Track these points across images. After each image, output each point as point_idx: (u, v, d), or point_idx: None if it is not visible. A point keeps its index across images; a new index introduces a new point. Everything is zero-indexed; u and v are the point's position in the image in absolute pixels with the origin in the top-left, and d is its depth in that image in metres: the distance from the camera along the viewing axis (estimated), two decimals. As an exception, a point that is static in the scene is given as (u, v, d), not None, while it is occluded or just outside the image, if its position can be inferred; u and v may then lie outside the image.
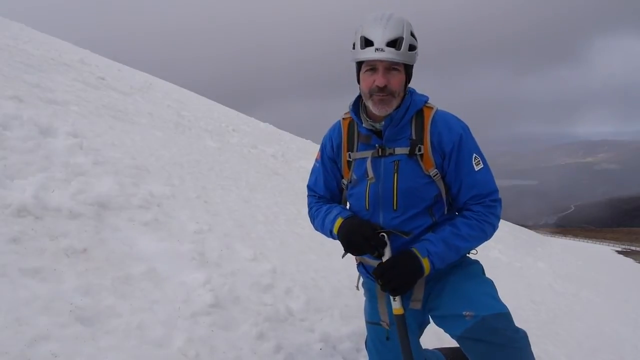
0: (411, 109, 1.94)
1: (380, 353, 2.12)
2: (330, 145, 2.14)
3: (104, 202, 3.32)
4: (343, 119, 2.12)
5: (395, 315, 1.92)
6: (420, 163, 1.93)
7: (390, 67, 1.82)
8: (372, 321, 2.16)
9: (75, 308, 2.14)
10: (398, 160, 1.95)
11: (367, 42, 1.79)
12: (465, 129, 1.96)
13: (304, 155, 11.95)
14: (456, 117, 2.00)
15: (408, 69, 1.90)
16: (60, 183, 3.30)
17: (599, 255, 22.31)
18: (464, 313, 1.85)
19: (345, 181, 2.15)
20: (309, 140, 15.99)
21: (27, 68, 6.99)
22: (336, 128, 2.14)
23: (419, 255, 1.88)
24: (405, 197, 1.97)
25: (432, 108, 1.97)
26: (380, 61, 1.81)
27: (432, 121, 1.94)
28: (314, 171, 2.26)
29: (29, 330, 1.86)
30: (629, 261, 24.74)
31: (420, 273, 1.88)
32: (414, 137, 1.94)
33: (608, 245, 41.20)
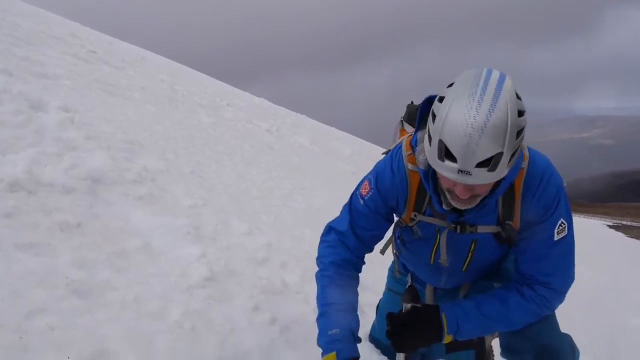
0: (500, 191, 1.51)
1: None
2: (395, 197, 1.73)
3: (98, 177, 3.30)
4: (410, 170, 1.65)
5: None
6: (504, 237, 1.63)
7: None
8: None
9: (70, 282, 2.14)
10: (477, 239, 1.67)
11: (447, 153, 1.31)
12: (560, 191, 1.58)
13: (299, 130, 11.90)
14: (551, 173, 1.58)
15: None
16: (52, 158, 3.27)
17: (591, 230, 22.57)
18: (495, 285, 1.80)
19: (401, 223, 1.83)
20: (303, 116, 15.87)
21: (15, 41, 6.83)
22: (403, 180, 1.68)
23: (444, 328, 1.64)
24: (477, 264, 1.77)
25: (524, 169, 1.55)
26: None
27: (523, 190, 1.56)
28: (354, 211, 1.82)
29: (25, 304, 1.87)
30: (620, 235, 25.07)
31: (435, 341, 1.68)
32: (501, 216, 1.60)
33: (600, 219, 41.65)
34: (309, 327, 2.52)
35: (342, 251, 1.84)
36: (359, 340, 1.71)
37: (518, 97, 1.30)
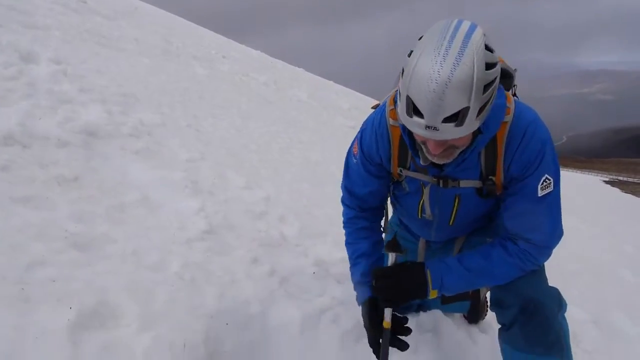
0: (480, 144, 1.51)
1: None
2: (377, 156, 1.72)
3: (93, 131, 3.26)
4: (392, 125, 1.64)
5: (384, 328, 1.72)
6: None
7: None
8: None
9: (69, 235, 2.15)
10: (460, 194, 1.67)
11: (414, 109, 1.29)
12: (545, 146, 1.52)
13: (297, 83, 11.71)
14: (536, 127, 1.53)
15: None
16: (46, 111, 3.22)
17: (587, 185, 22.75)
18: (488, 240, 1.80)
19: (392, 178, 1.82)
20: (301, 69, 15.57)
21: (1, -11, 6.58)
22: (384, 138, 1.68)
23: (429, 283, 1.65)
24: (463, 219, 1.78)
25: (507, 123, 1.51)
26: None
27: (506, 144, 1.53)
28: (350, 170, 1.86)
29: (24, 257, 1.88)
30: (615, 191, 25.27)
31: (420, 297, 1.69)
32: (483, 171, 1.59)
33: (596, 175, 41.89)
34: (308, 278, 2.57)
35: (347, 211, 1.96)
36: (367, 281, 1.84)
37: (488, 49, 1.27)
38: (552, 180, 1.54)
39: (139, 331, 1.71)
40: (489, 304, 2.73)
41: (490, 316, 2.77)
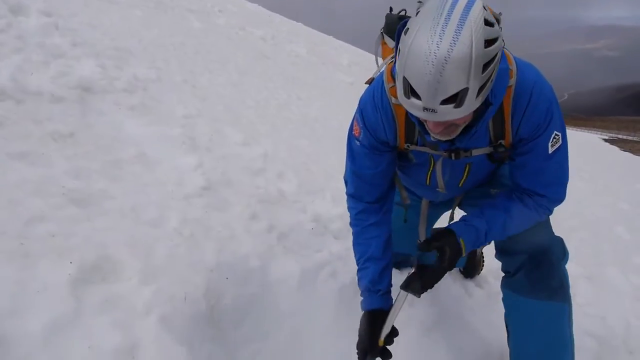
0: (490, 115, 1.46)
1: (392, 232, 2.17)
2: (384, 134, 1.65)
3: (87, 86, 3.20)
4: (395, 104, 1.56)
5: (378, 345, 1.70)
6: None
7: None
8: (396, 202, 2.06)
9: (67, 191, 2.15)
10: (472, 162, 1.65)
11: (411, 90, 1.23)
12: (551, 104, 1.49)
13: (295, 38, 11.43)
14: (541, 87, 1.49)
15: None
16: (38, 65, 3.14)
17: (586, 143, 22.69)
18: (492, 190, 1.81)
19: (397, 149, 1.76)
20: (299, 24, 15.16)
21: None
22: (388, 116, 1.61)
23: (463, 252, 1.63)
24: (472, 181, 1.77)
25: (511, 87, 1.46)
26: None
27: (512, 108, 1.49)
28: (354, 153, 1.76)
29: (23, 212, 1.88)
30: (614, 149, 25.27)
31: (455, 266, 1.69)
32: (492, 137, 1.56)
33: (596, 133, 41.76)
34: (306, 234, 2.59)
35: (355, 204, 1.84)
36: (377, 290, 1.76)
37: (488, 24, 1.20)
38: (560, 134, 1.53)
39: (140, 285, 1.73)
40: (483, 255, 2.78)
41: (486, 271, 2.82)
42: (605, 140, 31.87)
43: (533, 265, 1.71)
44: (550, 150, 1.53)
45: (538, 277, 1.70)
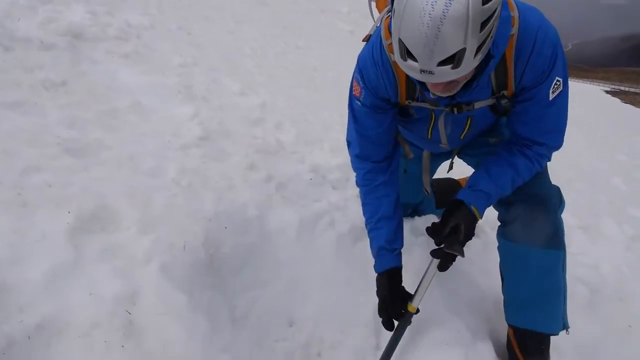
0: (492, 67, 1.41)
1: None
2: (385, 92, 1.62)
3: (77, 33, 3.10)
4: (394, 62, 1.49)
5: (408, 311, 1.72)
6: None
7: None
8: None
9: (62, 140, 2.12)
10: (473, 115, 1.62)
11: (407, 52, 1.20)
12: (556, 49, 1.44)
13: (293, -17, 11.01)
14: (546, 32, 1.42)
15: None
16: (25, 11, 3.04)
17: (587, 95, 22.43)
18: (490, 140, 1.80)
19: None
20: (298, -33, 14.55)
21: None
22: (389, 74, 1.57)
23: (477, 217, 1.64)
24: (474, 133, 1.74)
25: (514, 35, 1.40)
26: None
27: (515, 58, 1.43)
28: (357, 113, 1.73)
29: (19, 161, 1.86)
30: (615, 101, 25.02)
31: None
32: (495, 88, 1.53)
33: (598, 85, 41.18)
34: (305, 185, 2.58)
35: (361, 165, 1.82)
36: (393, 249, 1.76)
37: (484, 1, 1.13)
38: (561, 80, 1.49)
39: (139, 234, 1.74)
40: None
41: (483, 221, 2.84)
42: (607, 92, 31.50)
43: (529, 215, 1.72)
44: (551, 96, 1.50)
45: (533, 226, 1.71)
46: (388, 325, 1.71)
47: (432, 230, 1.68)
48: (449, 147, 1.85)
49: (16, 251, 1.45)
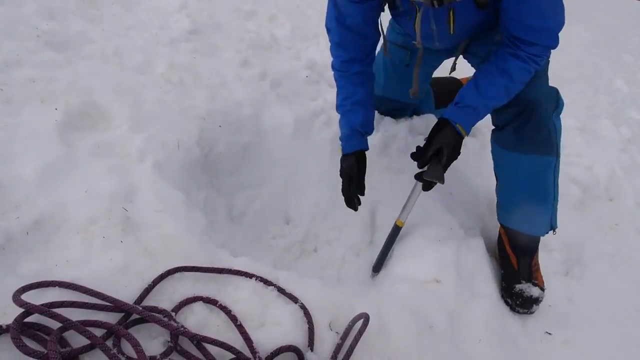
0: None
1: (388, 75, 2.11)
2: None
3: None
4: None
5: (396, 226, 1.78)
6: None
7: None
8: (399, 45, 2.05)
9: (42, 33, 1.99)
10: (454, 7, 1.52)
11: None
12: None
13: None
14: None
15: None
16: None
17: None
18: (495, 37, 1.71)
19: None
20: None
21: None
22: None
23: (463, 134, 1.62)
24: (463, 27, 1.64)
25: None
26: None
27: None
28: (337, 1, 1.66)
29: (-3, 55, 1.76)
30: (629, -4, 23.67)
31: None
32: None
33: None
34: (300, 82, 2.49)
35: (340, 52, 1.76)
36: (365, 132, 1.79)
37: None
38: None
39: (130, 132, 1.69)
40: None
41: (480, 123, 2.81)
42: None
43: (520, 120, 1.69)
44: None
45: (524, 132, 1.69)
46: (351, 203, 1.79)
47: (415, 155, 1.68)
48: (440, 45, 1.77)
49: (5, 148, 1.41)
